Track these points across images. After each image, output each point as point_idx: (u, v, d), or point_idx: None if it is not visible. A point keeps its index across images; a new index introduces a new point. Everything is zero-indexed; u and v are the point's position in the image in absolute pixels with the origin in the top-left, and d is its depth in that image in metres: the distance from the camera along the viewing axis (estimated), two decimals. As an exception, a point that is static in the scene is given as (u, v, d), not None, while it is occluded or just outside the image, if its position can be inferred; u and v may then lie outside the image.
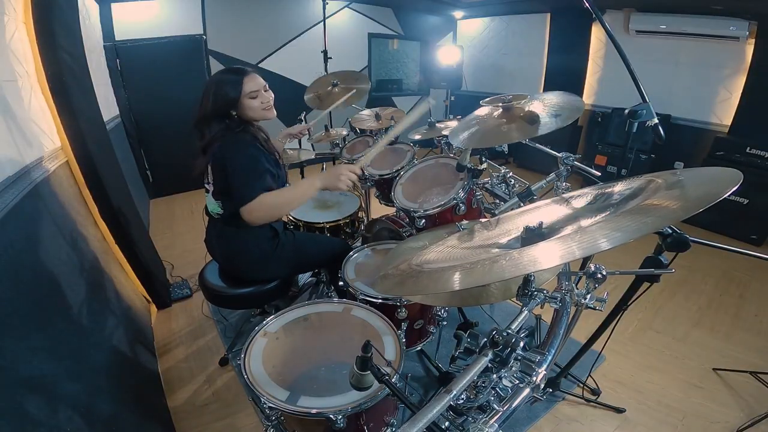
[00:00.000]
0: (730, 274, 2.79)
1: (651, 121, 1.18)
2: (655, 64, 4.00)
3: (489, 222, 0.96)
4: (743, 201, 3.18)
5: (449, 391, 0.60)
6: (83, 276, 1.54)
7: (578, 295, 0.74)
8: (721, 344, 2.12)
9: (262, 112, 1.49)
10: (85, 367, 1.23)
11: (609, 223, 0.60)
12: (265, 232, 1.56)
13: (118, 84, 3.56)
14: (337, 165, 1.48)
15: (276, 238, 1.59)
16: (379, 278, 0.88)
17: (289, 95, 4.63)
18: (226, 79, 1.44)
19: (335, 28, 4.87)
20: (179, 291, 2.53)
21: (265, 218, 1.41)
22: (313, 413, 0.91)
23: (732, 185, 0.55)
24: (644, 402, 1.75)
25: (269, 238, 1.57)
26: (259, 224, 1.41)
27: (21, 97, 1.45)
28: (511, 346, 0.65)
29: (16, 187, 1.21)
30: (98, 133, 2.00)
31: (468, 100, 5.26)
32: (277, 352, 1.12)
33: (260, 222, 1.40)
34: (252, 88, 1.44)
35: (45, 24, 1.60)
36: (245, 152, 1.40)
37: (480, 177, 1.60)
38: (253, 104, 1.46)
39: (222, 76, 1.46)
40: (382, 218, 2.04)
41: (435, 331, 1.62)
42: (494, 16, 5.59)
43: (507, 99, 1.47)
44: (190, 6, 3.98)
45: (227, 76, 1.45)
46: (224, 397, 1.80)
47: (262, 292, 1.59)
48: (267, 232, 1.56)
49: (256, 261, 1.56)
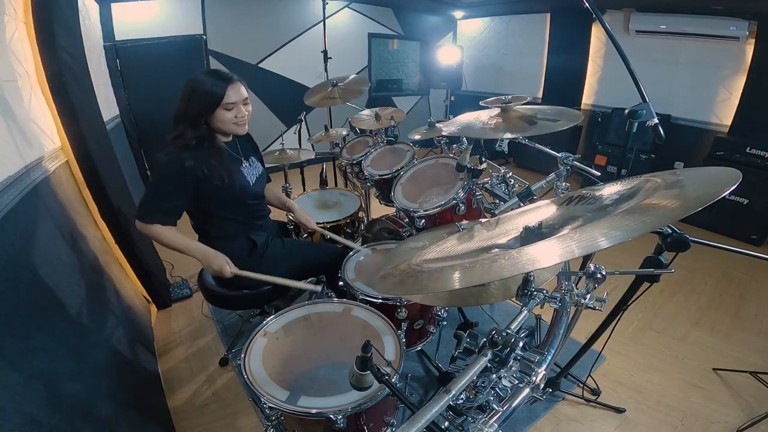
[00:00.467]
0: (730, 274, 2.79)
1: (651, 121, 1.18)
2: (655, 64, 4.00)
3: (489, 222, 0.96)
4: (743, 201, 3.18)
5: (449, 391, 0.60)
6: (83, 276, 1.54)
7: (578, 295, 0.74)
8: (721, 344, 2.12)
9: (232, 126, 1.39)
10: (85, 367, 1.23)
11: (608, 222, 0.60)
12: (240, 243, 1.53)
13: (118, 84, 3.55)
14: (219, 258, 1.39)
15: (254, 249, 1.55)
16: (379, 278, 0.88)
17: (289, 95, 4.67)
18: (208, 83, 1.32)
19: (335, 28, 4.87)
20: (179, 291, 2.54)
21: (151, 238, 1.40)
22: (313, 413, 0.91)
23: (731, 185, 0.55)
24: (644, 402, 1.75)
25: (246, 248, 1.54)
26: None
27: (21, 97, 1.45)
28: (510, 346, 0.65)
29: (16, 187, 1.21)
30: (98, 133, 2.00)
31: (468, 100, 5.25)
32: (277, 352, 1.12)
33: (149, 239, 1.39)
34: (231, 99, 1.34)
35: (45, 24, 1.60)
36: (163, 174, 1.36)
37: (480, 177, 1.60)
38: (226, 116, 1.36)
39: (205, 79, 1.33)
40: (382, 218, 2.04)
41: (435, 331, 1.62)
42: (494, 16, 5.60)
43: (506, 101, 1.48)
44: (190, 6, 3.98)
45: (210, 80, 1.33)
46: (224, 397, 1.80)
47: (261, 293, 1.59)
48: (243, 243, 1.54)
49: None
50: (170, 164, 1.33)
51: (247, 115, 1.42)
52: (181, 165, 1.31)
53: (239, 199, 1.48)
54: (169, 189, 1.36)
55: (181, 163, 1.31)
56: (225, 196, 1.43)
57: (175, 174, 1.33)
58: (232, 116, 1.37)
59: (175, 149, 1.33)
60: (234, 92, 1.35)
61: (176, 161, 1.31)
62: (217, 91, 1.32)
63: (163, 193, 1.36)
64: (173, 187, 1.35)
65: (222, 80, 1.33)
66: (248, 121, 1.46)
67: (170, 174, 1.34)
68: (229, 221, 1.50)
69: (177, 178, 1.33)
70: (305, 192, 2.49)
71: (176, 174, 1.32)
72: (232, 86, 1.34)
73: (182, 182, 1.34)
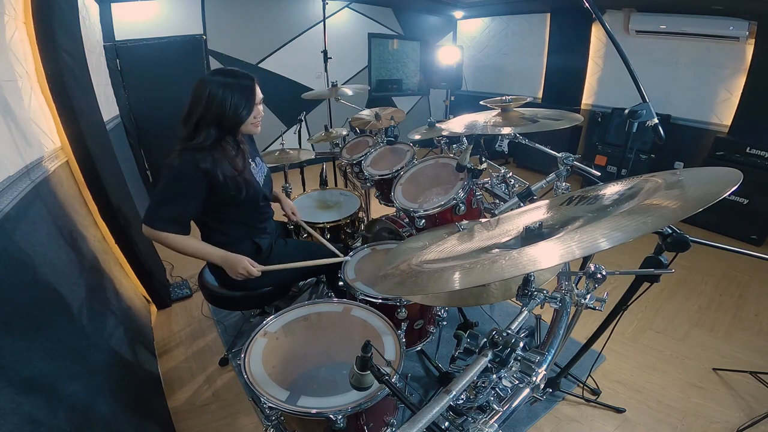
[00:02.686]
0: (730, 274, 2.79)
1: (651, 121, 1.18)
2: (655, 64, 4.01)
3: (489, 222, 0.96)
4: (743, 201, 3.18)
5: (449, 391, 0.60)
6: (83, 276, 1.54)
7: (578, 295, 0.74)
8: (721, 344, 2.12)
9: (250, 127, 1.38)
10: (85, 367, 1.23)
11: (609, 222, 0.60)
12: (245, 247, 1.49)
13: (118, 84, 3.55)
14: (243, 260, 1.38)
15: (258, 253, 1.52)
16: (379, 278, 0.88)
17: (289, 95, 4.67)
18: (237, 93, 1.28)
19: (335, 28, 4.88)
20: (179, 291, 2.54)
21: (160, 244, 1.35)
22: (313, 413, 0.91)
23: (732, 185, 0.55)
24: (644, 402, 1.75)
25: (250, 253, 1.49)
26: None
27: (21, 97, 1.45)
28: (510, 346, 0.65)
29: (16, 187, 1.21)
30: (98, 133, 2.00)
31: (468, 101, 5.27)
32: (277, 352, 1.12)
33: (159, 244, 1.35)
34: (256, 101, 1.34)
35: (45, 24, 1.60)
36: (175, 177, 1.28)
37: (480, 177, 1.60)
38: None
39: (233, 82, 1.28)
40: (382, 218, 2.04)
41: (435, 331, 1.62)
42: (494, 16, 5.60)
43: (506, 101, 1.48)
44: (190, 6, 3.98)
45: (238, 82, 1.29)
46: (224, 397, 1.80)
47: (261, 294, 1.59)
48: (247, 247, 1.50)
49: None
50: (184, 166, 1.26)
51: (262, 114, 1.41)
52: (197, 167, 1.25)
53: (251, 200, 1.43)
54: (182, 193, 1.30)
55: (197, 166, 1.26)
56: (238, 199, 1.37)
57: (189, 177, 1.27)
58: (252, 117, 1.35)
59: (189, 151, 1.27)
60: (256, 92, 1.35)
61: (191, 164, 1.25)
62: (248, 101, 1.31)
63: (175, 198, 1.30)
64: (187, 191, 1.29)
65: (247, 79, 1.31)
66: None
67: (184, 177, 1.27)
68: (234, 225, 1.47)
69: (191, 182, 1.27)
70: (305, 192, 2.49)
71: (191, 177, 1.26)
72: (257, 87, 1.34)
73: (196, 186, 1.29)
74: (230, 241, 1.47)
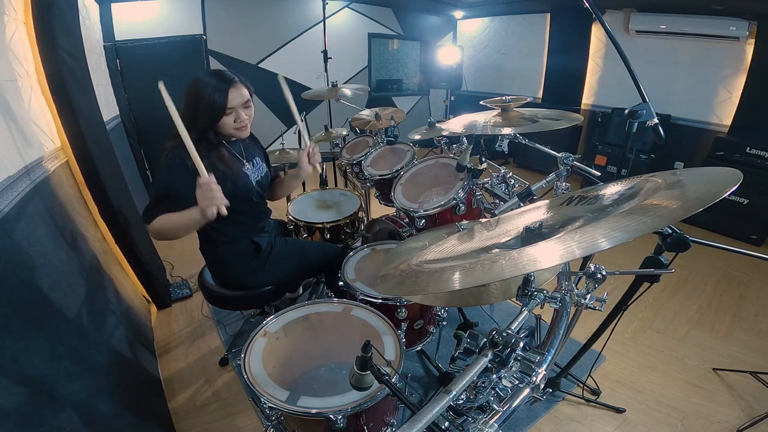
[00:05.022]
0: (730, 274, 2.79)
1: (651, 121, 1.18)
2: (655, 64, 4.01)
3: (489, 222, 0.96)
4: (743, 201, 3.18)
5: (449, 391, 0.60)
6: (83, 276, 1.54)
7: (578, 295, 0.74)
8: (721, 344, 2.12)
9: (233, 131, 1.37)
10: (85, 367, 1.23)
11: (609, 222, 0.60)
12: (244, 247, 1.51)
13: (118, 84, 3.55)
14: (206, 189, 1.24)
15: (258, 252, 1.54)
16: (379, 278, 0.88)
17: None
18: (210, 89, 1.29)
19: (335, 28, 4.87)
20: (179, 291, 2.53)
21: (162, 239, 1.34)
22: (313, 413, 0.91)
23: (732, 185, 0.55)
24: (644, 402, 1.75)
25: (250, 252, 1.52)
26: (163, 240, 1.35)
27: (21, 97, 1.45)
28: (510, 346, 0.65)
29: (16, 187, 1.21)
30: (98, 133, 2.00)
31: (468, 101, 5.26)
32: (277, 352, 1.12)
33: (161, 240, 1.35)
34: (233, 103, 1.31)
35: (45, 24, 1.60)
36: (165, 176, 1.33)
37: (480, 177, 1.60)
38: (226, 121, 1.34)
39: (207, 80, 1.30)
40: (382, 218, 2.04)
41: (435, 331, 1.62)
42: (494, 16, 5.60)
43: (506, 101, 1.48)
44: (190, 6, 3.98)
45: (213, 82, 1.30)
46: (224, 397, 1.80)
47: (261, 294, 1.59)
48: (247, 246, 1.52)
49: (241, 274, 1.55)
50: (171, 165, 1.30)
51: (249, 119, 1.39)
52: (184, 165, 1.27)
53: (242, 199, 1.44)
54: (172, 190, 1.32)
55: (183, 164, 1.27)
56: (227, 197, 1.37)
57: (177, 174, 1.29)
58: (232, 121, 1.35)
59: (176, 150, 1.29)
60: (236, 95, 1.32)
61: (178, 162, 1.28)
62: (219, 99, 1.29)
63: (166, 195, 1.33)
64: (176, 188, 1.31)
65: (224, 82, 1.31)
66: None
67: (172, 175, 1.31)
68: (233, 225, 1.46)
69: (179, 179, 1.30)
70: (305, 192, 2.49)
71: (178, 175, 1.29)
72: (233, 88, 1.31)
73: (185, 183, 1.30)
74: (229, 240, 1.49)
